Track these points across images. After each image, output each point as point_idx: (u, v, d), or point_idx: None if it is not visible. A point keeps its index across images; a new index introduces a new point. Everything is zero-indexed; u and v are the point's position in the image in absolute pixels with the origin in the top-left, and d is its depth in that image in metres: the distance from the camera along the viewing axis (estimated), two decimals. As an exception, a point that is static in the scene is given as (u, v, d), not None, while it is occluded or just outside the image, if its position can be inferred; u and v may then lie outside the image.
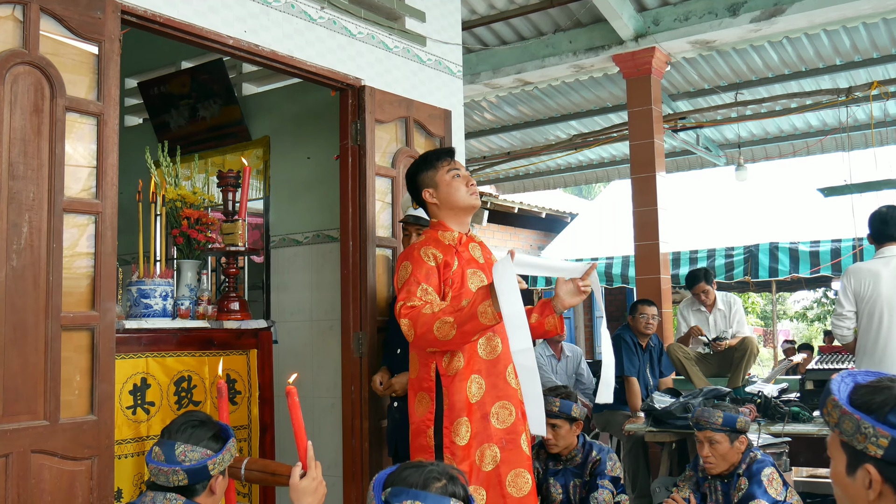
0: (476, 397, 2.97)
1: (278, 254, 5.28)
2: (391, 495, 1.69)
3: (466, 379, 2.97)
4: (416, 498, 1.67)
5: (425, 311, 2.87)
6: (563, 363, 7.51)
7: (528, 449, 3.09)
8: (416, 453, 3.06)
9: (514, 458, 3.00)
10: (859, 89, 7.81)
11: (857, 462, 1.48)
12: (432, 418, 3.02)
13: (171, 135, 5.57)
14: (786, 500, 3.80)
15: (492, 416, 2.99)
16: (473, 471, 2.95)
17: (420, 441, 3.05)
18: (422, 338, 2.87)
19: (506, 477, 2.97)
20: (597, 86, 8.64)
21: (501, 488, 2.96)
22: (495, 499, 2.94)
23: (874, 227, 4.78)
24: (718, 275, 8.81)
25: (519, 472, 3.00)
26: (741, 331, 6.59)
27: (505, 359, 3.06)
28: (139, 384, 3.50)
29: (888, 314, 4.60)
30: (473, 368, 2.99)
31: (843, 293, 4.76)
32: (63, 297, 2.94)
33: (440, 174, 3.18)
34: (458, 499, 1.70)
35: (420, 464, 1.76)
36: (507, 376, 3.05)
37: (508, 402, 3.03)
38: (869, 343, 4.67)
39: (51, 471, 2.85)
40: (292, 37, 3.97)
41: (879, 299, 4.61)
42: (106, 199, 3.09)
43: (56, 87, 2.96)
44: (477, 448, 2.96)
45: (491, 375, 3.01)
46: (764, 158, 10.30)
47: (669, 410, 5.22)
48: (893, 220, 4.75)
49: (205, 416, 2.63)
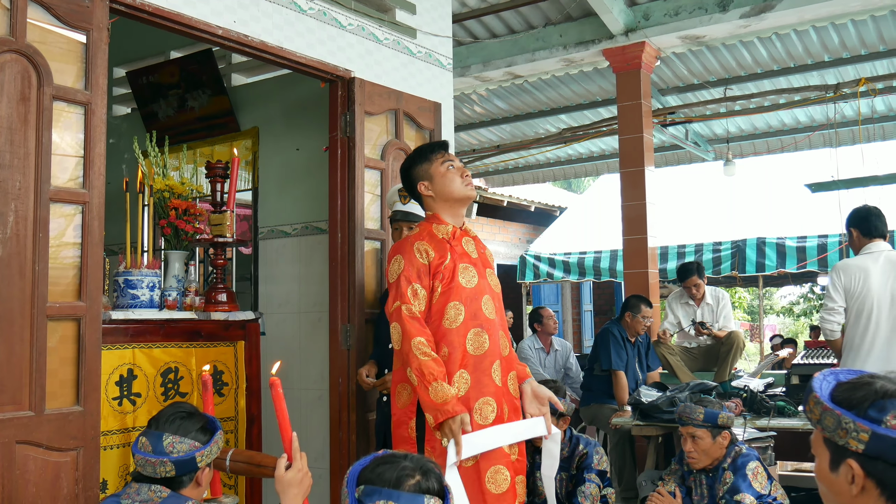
0: (461, 392, 2.97)
1: (267, 245, 5.27)
2: (364, 494, 1.69)
3: (453, 374, 2.97)
4: (389, 498, 1.67)
5: (416, 343, 2.96)
6: (551, 356, 7.54)
7: (508, 446, 3.09)
8: (398, 444, 3.06)
9: (493, 454, 3.00)
10: (847, 86, 7.84)
11: (840, 458, 1.49)
12: (414, 410, 3.03)
13: (159, 125, 5.54)
14: (770, 494, 3.83)
15: (475, 411, 2.99)
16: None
17: (401, 432, 3.06)
18: (403, 355, 3.01)
19: (485, 473, 2.97)
20: (586, 80, 8.65)
21: (481, 484, 2.95)
22: (474, 494, 2.94)
23: (867, 223, 4.78)
24: (706, 269, 8.83)
25: (498, 469, 3.00)
26: (728, 325, 6.62)
27: (491, 355, 3.06)
28: (125, 375, 3.49)
29: (877, 310, 4.62)
30: (460, 363, 2.99)
31: (833, 288, 4.77)
32: (49, 288, 2.93)
33: (435, 166, 3.19)
34: (433, 494, 1.71)
35: (394, 458, 1.75)
36: (492, 373, 3.05)
37: (492, 398, 3.03)
38: (856, 339, 4.68)
39: (36, 462, 2.84)
40: (282, 27, 3.96)
41: (869, 295, 4.62)
42: (93, 189, 3.08)
43: (43, 75, 2.94)
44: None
45: (477, 371, 3.01)
46: (752, 154, 10.34)
47: (656, 404, 5.24)
48: (878, 216, 4.77)
49: (192, 408, 2.63)
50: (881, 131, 9.37)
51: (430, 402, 2.87)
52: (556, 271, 10.35)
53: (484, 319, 3.07)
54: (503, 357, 3.13)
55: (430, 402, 2.88)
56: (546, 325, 7.59)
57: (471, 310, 3.04)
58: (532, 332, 7.71)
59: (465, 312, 3.02)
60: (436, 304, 3.03)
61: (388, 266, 3.12)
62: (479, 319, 3.06)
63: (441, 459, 2.91)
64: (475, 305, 3.06)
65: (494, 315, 3.13)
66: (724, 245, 9.09)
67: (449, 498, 1.75)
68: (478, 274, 3.12)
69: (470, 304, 3.05)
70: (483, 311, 3.08)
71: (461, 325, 3.01)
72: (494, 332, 3.10)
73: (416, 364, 2.90)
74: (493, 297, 3.17)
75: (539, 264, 10.50)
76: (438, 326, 3.02)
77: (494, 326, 3.11)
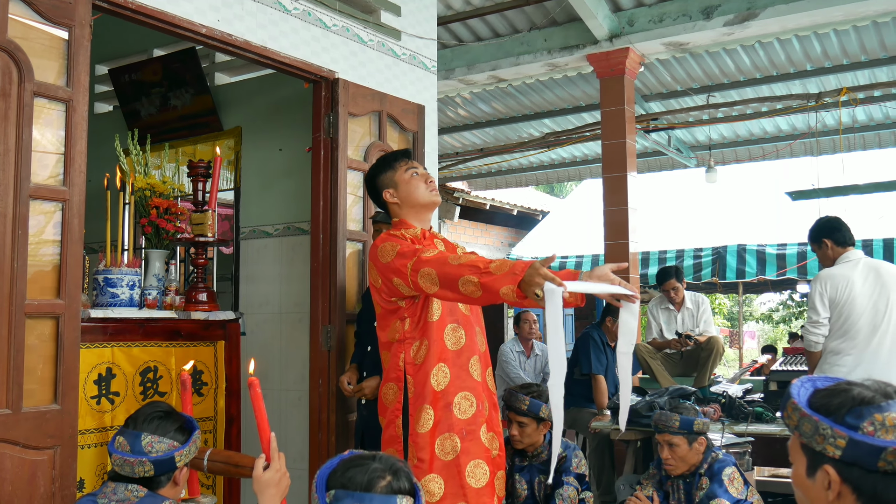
0: (441, 385, 2.99)
1: (248, 245, 5.25)
2: (335, 499, 1.69)
3: (432, 367, 2.99)
4: (361, 501, 1.67)
5: (451, 261, 2.78)
6: (531, 361, 7.56)
7: (488, 441, 3.10)
8: (386, 445, 3.07)
9: (473, 448, 3.03)
10: (829, 95, 7.90)
11: (817, 463, 1.51)
12: (400, 408, 3.04)
13: (141, 123, 5.51)
14: (746, 500, 3.85)
15: (454, 406, 3.01)
16: (434, 459, 2.96)
17: (390, 432, 3.07)
18: (448, 284, 2.77)
19: (465, 467, 2.99)
20: (570, 84, 8.67)
21: (461, 478, 2.97)
22: (454, 489, 2.96)
23: (839, 233, 4.81)
24: (686, 275, 8.88)
25: (478, 464, 3.02)
26: (708, 330, 6.65)
27: (468, 351, 3.07)
28: (104, 374, 3.47)
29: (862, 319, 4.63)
30: (439, 357, 3.00)
31: (818, 300, 4.73)
32: (28, 285, 2.91)
33: (399, 174, 3.22)
34: (404, 493, 1.71)
35: (362, 460, 1.75)
36: (469, 368, 3.07)
37: (471, 393, 3.05)
38: (840, 347, 4.68)
39: (12, 460, 2.81)
40: (266, 27, 3.95)
41: (855, 304, 4.64)
42: (73, 187, 3.06)
43: (24, 71, 2.92)
44: (438, 436, 2.98)
45: (455, 366, 3.03)
46: (734, 161, 10.39)
47: (635, 409, 5.26)
48: (845, 226, 4.80)
49: (169, 407, 2.62)
50: (861, 141, 9.45)
51: (502, 275, 2.63)
52: (538, 275, 10.36)
53: (460, 315, 3.10)
54: (481, 353, 3.16)
55: (502, 276, 2.63)
56: (522, 328, 7.62)
57: (447, 305, 3.05)
58: (514, 335, 7.74)
59: (442, 306, 3.03)
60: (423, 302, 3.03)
61: (376, 258, 3.05)
62: (455, 315, 3.08)
63: (421, 453, 2.92)
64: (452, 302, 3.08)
65: (469, 312, 3.15)
66: (705, 251, 9.14)
67: (420, 496, 1.76)
68: None
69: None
70: (459, 307, 3.10)
71: (439, 319, 3.02)
72: (471, 329, 3.12)
73: (463, 271, 2.72)
74: None
75: (521, 268, 10.50)
76: (420, 319, 3.02)
77: (470, 322, 3.13)
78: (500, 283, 2.62)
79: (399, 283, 2.95)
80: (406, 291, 2.97)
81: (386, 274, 3.00)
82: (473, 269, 2.70)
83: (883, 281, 4.63)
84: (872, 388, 1.51)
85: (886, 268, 4.72)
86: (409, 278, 2.89)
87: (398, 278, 2.94)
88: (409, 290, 2.95)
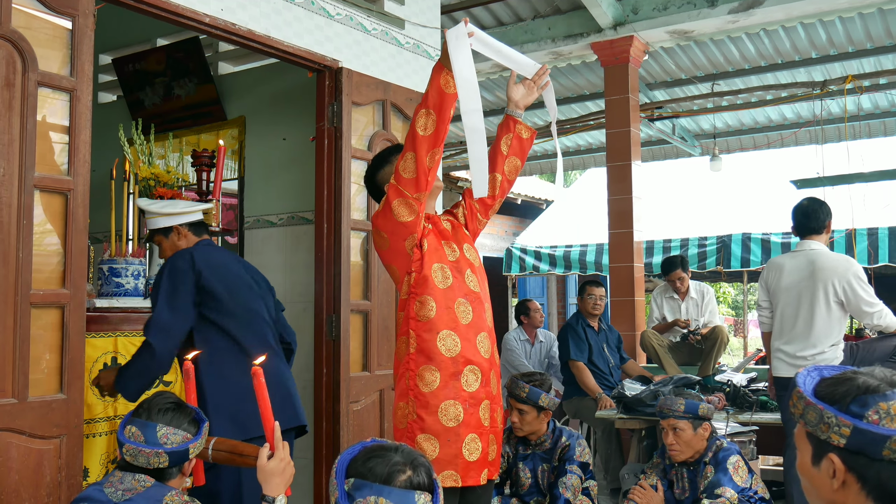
0: (452, 353, 2.99)
1: (252, 235, 5.25)
2: (354, 488, 1.69)
3: (438, 330, 2.99)
4: (380, 493, 1.67)
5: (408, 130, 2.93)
6: (536, 348, 7.57)
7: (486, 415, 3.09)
8: (399, 398, 3.06)
9: (473, 421, 3.03)
10: (834, 83, 7.88)
11: (822, 452, 1.51)
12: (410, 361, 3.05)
13: (145, 112, 5.51)
14: (751, 488, 3.85)
15: (462, 376, 3.02)
16: (435, 422, 2.95)
17: (401, 385, 3.07)
18: (412, 144, 2.91)
19: (464, 438, 3.00)
20: (574, 73, 8.65)
21: (458, 448, 2.98)
22: (448, 456, 2.95)
23: (796, 221, 4.84)
24: (691, 264, 8.87)
25: (474, 437, 3.03)
26: (712, 320, 6.66)
27: (476, 327, 3.08)
28: (109, 363, 3.48)
29: (785, 306, 4.66)
30: (446, 323, 3.00)
31: (760, 285, 4.89)
32: (33, 275, 2.92)
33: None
34: (423, 489, 1.71)
35: (384, 451, 1.75)
36: (478, 343, 3.08)
37: (477, 368, 3.06)
38: (774, 331, 4.76)
39: (18, 449, 2.83)
40: (270, 16, 3.94)
41: (780, 292, 4.69)
42: (78, 177, 3.06)
43: (28, 61, 2.92)
44: (444, 401, 2.98)
45: (465, 339, 3.04)
46: (738, 149, 10.38)
47: (640, 398, 5.27)
48: (815, 214, 4.78)
49: (177, 398, 2.62)
50: (867, 128, 9.42)
51: (441, 95, 2.86)
52: (542, 264, 10.36)
53: (468, 291, 3.10)
54: (489, 329, 3.16)
55: (429, 83, 2.87)
56: (533, 317, 7.62)
57: (457, 279, 3.06)
58: (518, 324, 7.73)
59: (452, 277, 3.04)
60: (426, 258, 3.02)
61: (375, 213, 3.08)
62: (463, 289, 3.08)
63: (421, 411, 2.93)
64: (460, 277, 3.09)
65: (479, 288, 3.16)
66: (710, 240, 9.12)
67: (438, 492, 1.76)
68: (457, 249, 3.15)
69: (455, 273, 3.07)
70: (467, 283, 3.10)
71: (448, 288, 3.03)
72: (479, 305, 3.12)
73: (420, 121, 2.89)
74: (475, 270, 3.19)
75: (525, 257, 10.51)
76: (426, 281, 3.01)
77: (479, 299, 3.13)
78: (432, 85, 2.85)
79: (397, 203, 2.93)
80: (405, 210, 2.94)
81: (386, 212, 2.97)
82: (415, 112, 2.89)
83: (815, 275, 4.58)
84: (878, 376, 1.51)
85: (824, 261, 4.63)
86: (397, 183, 2.93)
87: (395, 198, 2.93)
88: (407, 198, 2.93)
